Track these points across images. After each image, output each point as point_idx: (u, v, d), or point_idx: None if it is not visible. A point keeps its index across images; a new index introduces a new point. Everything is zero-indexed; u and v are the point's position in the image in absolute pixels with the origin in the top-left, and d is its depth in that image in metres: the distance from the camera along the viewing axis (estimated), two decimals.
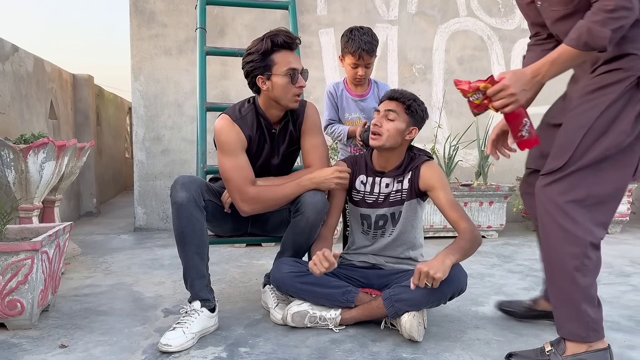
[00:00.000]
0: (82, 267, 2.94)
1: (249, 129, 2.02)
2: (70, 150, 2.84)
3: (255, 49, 1.95)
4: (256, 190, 1.98)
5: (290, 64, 1.95)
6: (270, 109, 2.05)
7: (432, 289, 1.80)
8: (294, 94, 1.99)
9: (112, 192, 6.11)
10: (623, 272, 2.83)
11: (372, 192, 2.13)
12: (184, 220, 1.87)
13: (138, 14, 3.97)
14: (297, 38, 2.01)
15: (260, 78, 1.97)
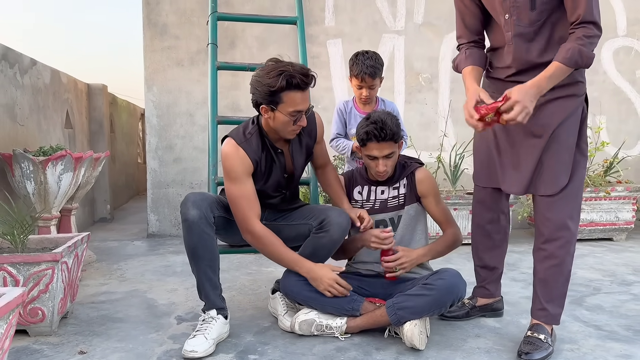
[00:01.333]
0: (97, 274, 3.04)
1: (254, 152, 2.05)
2: (86, 162, 2.95)
3: (268, 83, 1.93)
4: (260, 232, 2.03)
5: (297, 107, 1.97)
6: (271, 134, 2.11)
7: (431, 296, 1.95)
8: (293, 130, 2.05)
9: (125, 197, 6.23)
10: (625, 281, 2.88)
11: (369, 200, 2.26)
12: (195, 237, 1.97)
13: (151, 26, 4.08)
14: (313, 78, 1.99)
15: (264, 107, 2.00)
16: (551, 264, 1.93)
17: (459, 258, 3.44)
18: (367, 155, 2.15)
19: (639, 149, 4.67)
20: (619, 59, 4.60)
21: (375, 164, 2.12)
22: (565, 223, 1.90)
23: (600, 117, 4.55)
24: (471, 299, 2.32)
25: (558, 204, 1.91)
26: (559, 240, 1.91)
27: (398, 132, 2.11)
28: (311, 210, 2.20)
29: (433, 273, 2.07)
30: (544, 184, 1.93)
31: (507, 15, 1.91)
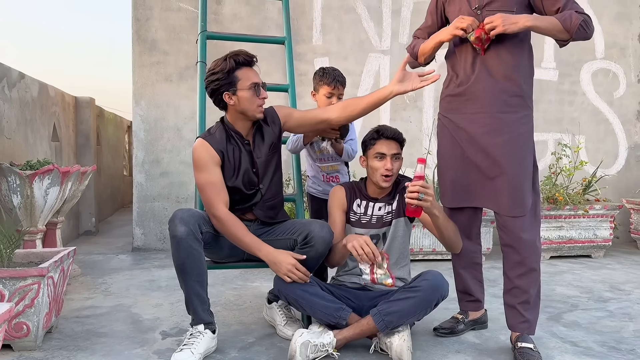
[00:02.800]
0: (82, 288, 3.05)
1: (218, 143, 2.16)
2: (73, 176, 2.97)
3: (220, 68, 2.12)
4: (225, 216, 2.09)
5: (253, 79, 2.14)
6: (238, 122, 2.20)
7: (417, 297, 2.01)
8: (258, 105, 2.17)
9: (110, 210, 6.22)
10: (601, 298, 2.96)
11: (366, 214, 2.30)
12: (184, 252, 2.00)
13: (140, 42, 4.13)
14: (255, 56, 2.19)
15: (227, 94, 2.14)
16: (531, 276, 2.09)
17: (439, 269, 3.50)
18: (375, 156, 2.21)
19: (616, 168, 4.80)
20: (597, 81, 4.74)
21: (384, 164, 2.19)
22: (534, 240, 2.10)
23: (579, 137, 4.67)
24: (463, 314, 2.39)
25: (527, 223, 2.10)
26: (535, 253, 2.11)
27: (403, 137, 2.26)
28: (294, 225, 2.24)
29: (417, 276, 2.13)
30: (513, 205, 2.09)
31: (480, 12, 2.11)
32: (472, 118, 2.15)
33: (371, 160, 2.24)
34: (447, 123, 2.25)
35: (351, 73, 4.37)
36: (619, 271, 3.65)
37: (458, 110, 2.20)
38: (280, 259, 2.07)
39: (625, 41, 4.78)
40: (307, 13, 4.32)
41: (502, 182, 2.09)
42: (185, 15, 4.17)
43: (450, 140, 2.24)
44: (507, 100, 2.10)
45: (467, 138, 2.17)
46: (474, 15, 2.11)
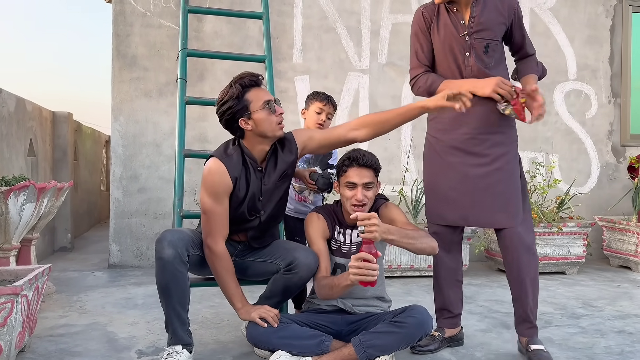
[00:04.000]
0: (56, 306, 3.00)
1: (234, 168, 2.09)
2: (50, 192, 2.93)
3: (229, 96, 2.07)
4: (221, 253, 2.09)
5: (264, 98, 2.09)
6: (257, 147, 2.14)
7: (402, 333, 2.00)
8: (277, 123, 2.11)
9: (86, 225, 6.13)
10: (574, 314, 3.02)
11: (346, 242, 2.27)
12: (169, 275, 1.98)
13: (120, 57, 4.13)
14: (260, 75, 2.15)
15: (242, 120, 2.08)
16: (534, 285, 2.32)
17: (419, 290, 3.54)
18: (345, 185, 2.17)
19: (589, 186, 4.92)
20: (570, 101, 4.88)
21: (353, 194, 2.13)
22: (533, 249, 2.31)
23: (552, 156, 4.79)
24: (439, 331, 2.42)
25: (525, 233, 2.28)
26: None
27: (378, 164, 2.20)
28: (279, 249, 2.23)
29: (402, 310, 2.12)
30: (506, 217, 2.26)
31: (468, 54, 2.26)
32: (462, 139, 2.28)
33: (342, 189, 2.19)
34: (436, 143, 2.35)
35: (331, 91, 4.38)
36: (591, 287, 3.73)
37: (448, 131, 2.31)
38: (254, 308, 2.11)
39: (597, 63, 4.93)
40: (288, 32, 4.37)
41: (496, 196, 2.24)
42: (166, 32, 4.18)
43: (439, 160, 2.33)
44: (496, 121, 2.26)
45: (458, 157, 2.28)
46: (461, 41, 2.25)
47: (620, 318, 2.94)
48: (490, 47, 2.26)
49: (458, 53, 2.27)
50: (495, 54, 2.29)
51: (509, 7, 2.29)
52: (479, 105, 2.22)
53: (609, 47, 4.95)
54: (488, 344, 2.48)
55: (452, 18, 2.28)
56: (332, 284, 2.05)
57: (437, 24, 2.31)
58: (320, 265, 2.17)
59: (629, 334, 2.66)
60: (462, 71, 2.28)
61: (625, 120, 4.98)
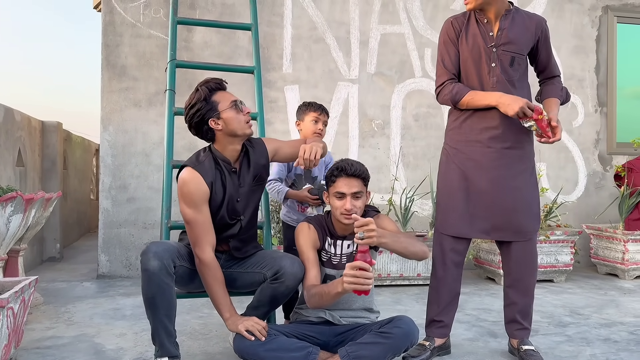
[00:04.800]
0: (44, 317, 2.98)
1: (207, 174, 2.12)
2: (37, 203, 2.93)
3: (196, 98, 2.13)
4: (209, 261, 2.09)
5: (231, 99, 2.16)
6: (228, 147, 2.18)
7: (388, 344, 2.01)
8: (245, 121, 2.17)
9: (76, 235, 6.10)
10: (561, 323, 3.05)
11: (336, 254, 2.27)
12: (155, 287, 1.99)
13: (110, 67, 4.13)
14: (223, 80, 2.23)
15: (212, 120, 2.12)
16: (530, 291, 2.44)
17: (408, 299, 3.55)
18: (335, 195, 2.18)
19: (576, 195, 4.97)
20: None
21: (342, 203, 2.15)
22: (536, 260, 2.44)
23: (540, 164, 4.84)
24: (429, 340, 2.43)
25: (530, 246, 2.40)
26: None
27: (367, 173, 2.21)
28: (265, 258, 2.24)
29: (388, 321, 2.13)
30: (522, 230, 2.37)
31: (494, 64, 2.33)
32: (482, 152, 2.33)
33: (332, 199, 2.21)
34: (455, 155, 2.39)
35: (321, 100, 4.42)
36: (579, 295, 3.76)
37: (468, 144, 2.36)
38: (241, 319, 2.10)
39: (583, 73, 5.00)
40: (278, 42, 4.40)
41: (514, 211, 2.33)
42: (155, 42, 4.20)
43: (457, 172, 2.37)
44: (517, 136, 2.33)
45: (477, 171, 2.34)
46: (488, 52, 2.31)
47: (606, 326, 2.97)
48: (516, 60, 2.33)
49: (484, 63, 2.33)
50: (520, 68, 2.35)
51: (537, 24, 2.38)
52: (501, 120, 2.29)
53: (594, 57, 5.02)
54: (475, 353, 2.49)
55: (482, 29, 2.35)
56: (322, 292, 2.06)
57: (465, 34, 2.37)
58: (309, 274, 2.17)
59: (614, 342, 2.69)
60: (487, 82, 2.33)
61: (611, 129, 5.05)
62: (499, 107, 2.24)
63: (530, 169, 2.39)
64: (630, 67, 5.17)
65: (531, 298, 2.45)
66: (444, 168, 2.46)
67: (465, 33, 2.36)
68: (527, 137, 2.37)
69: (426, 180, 4.35)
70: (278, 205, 3.86)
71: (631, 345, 2.63)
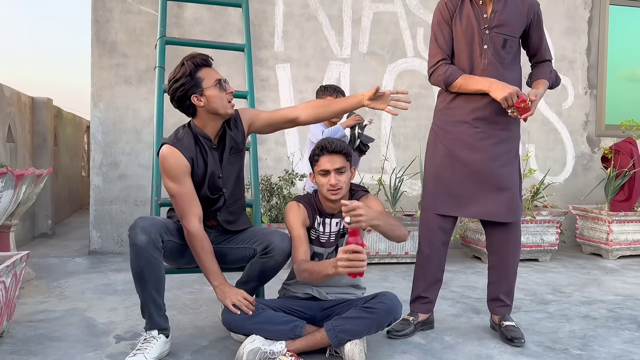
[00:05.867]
0: (36, 292, 3.02)
1: (187, 149, 2.15)
2: (28, 179, 2.94)
3: (181, 73, 2.13)
4: (196, 232, 2.12)
5: (216, 76, 2.17)
6: (209, 123, 2.20)
7: (371, 318, 2.07)
8: (228, 100, 2.19)
9: (67, 211, 6.11)
10: (543, 300, 3.13)
11: (325, 232, 2.32)
12: (143, 261, 2.02)
13: (99, 44, 4.11)
14: (209, 56, 2.23)
15: (195, 96, 2.13)
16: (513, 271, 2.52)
17: (395, 277, 3.62)
18: (319, 173, 2.23)
19: (564, 176, 5.04)
20: (547, 92, 4.94)
21: (327, 179, 2.20)
22: (520, 242, 2.53)
23: (529, 146, 4.88)
24: (413, 315, 2.51)
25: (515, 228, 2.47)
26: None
27: (347, 148, 2.26)
28: (255, 234, 2.28)
29: (373, 297, 2.19)
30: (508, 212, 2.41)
31: (486, 46, 2.35)
32: (470, 133, 2.38)
33: (317, 177, 2.26)
34: (443, 135, 2.44)
35: (312, 80, 4.46)
36: (562, 274, 3.84)
37: (456, 124, 2.41)
38: (228, 289, 2.14)
39: (574, 55, 5.02)
40: (269, 19, 4.38)
41: (500, 192, 2.38)
42: (146, 18, 4.16)
43: (445, 152, 2.43)
44: (503, 119, 2.37)
45: (464, 151, 2.39)
46: (481, 34, 2.34)
47: (586, 304, 3.05)
48: (508, 43, 2.35)
49: (477, 45, 2.36)
50: (512, 50, 2.38)
51: (529, 6, 2.39)
52: (489, 102, 2.33)
53: (586, 39, 5.04)
54: (457, 329, 2.56)
55: (475, 10, 2.36)
56: (312, 270, 2.09)
57: (459, 14, 2.39)
58: (299, 250, 2.21)
59: (593, 319, 2.77)
60: (478, 63, 2.36)
61: (600, 111, 5.09)
62: (490, 92, 2.27)
63: (515, 151, 2.45)
64: (622, 50, 5.19)
65: (514, 277, 2.52)
66: (431, 148, 2.51)
67: (460, 14, 2.38)
68: (513, 119, 2.40)
69: (416, 161, 4.39)
70: (268, 184, 3.90)
71: (609, 322, 2.71)
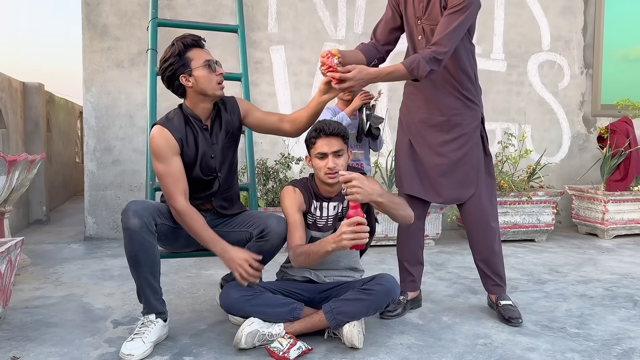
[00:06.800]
0: (32, 278, 3.01)
1: (177, 130, 2.14)
2: (21, 165, 2.91)
3: (170, 53, 2.14)
4: (183, 209, 2.08)
5: (205, 57, 2.15)
6: (199, 105, 2.18)
7: (370, 300, 2.07)
8: (217, 82, 2.17)
9: (62, 198, 6.08)
10: (540, 280, 3.14)
11: (322, 217, 2.30)
12: (137, 244, 2.00)
13: (90, 27, 4.04)
14: (201, 37, 2.21)
15: (183, 76, 2.13)
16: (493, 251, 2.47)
17: (392, 259, 3.61)
18: (316, 156, 2.19)
19: (560, 156, 5.03)
20: (543, 72, 4.94)
21: (325, 163, 2.17)
22: (488, 220, 2.45)
23: (525, 126, 4.87)
24: (403, 294, 2.53)
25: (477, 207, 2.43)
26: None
27: (346, 131, 2.22)
28: (251, 218, 2.27)
29: (371, 278, 2.19)
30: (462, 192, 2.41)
31: (420, 37, 2.35)
32: (424, 118, 2.42)
33: (314, 160, 2.22)
34: (403, 118, 2.52)
35: (307, 62, 4.41)
36: (559, 254, 3.86)
37: (415, 110, 2.45)
38: (232, 253, 2.08)
39: (570, 34, 4.98)
40: (262, 0, 4.31)
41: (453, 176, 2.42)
42: (137, 0, 4.09)
43: (405, 137, 2.49)
44: (456, 105, 2.37)
45: (418, 136, 2.44)
46: (416, 24, 2.33)
47: (583, 283, 3.07)
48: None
49: (415, 35, 2.37)
50: None
51: None
52: (440, 90, 2.35)
53: (582, 18, 5.00)
54: (455, 309, 2.57)
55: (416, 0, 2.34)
56: (309, 251, 2.08)
57: (405, 2, 2.38)
58: (295, 235, 2.19)
59: (589, 297, 2.78)
60: (417, 52, 2.33)
61: (596, 91, 5.07)
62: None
63: (469, 134, 2.40)
64: (617, 29, 5.15)
65: (495, 255, 2.47)
66: (398, 131, 2.59)
67: (405, 1, 2.38)
68: (466, 104, 2.39)
69: None
70: (264, 168, 3.88)
71: (605, 301, 2.72)
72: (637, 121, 4.78)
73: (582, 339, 2.20)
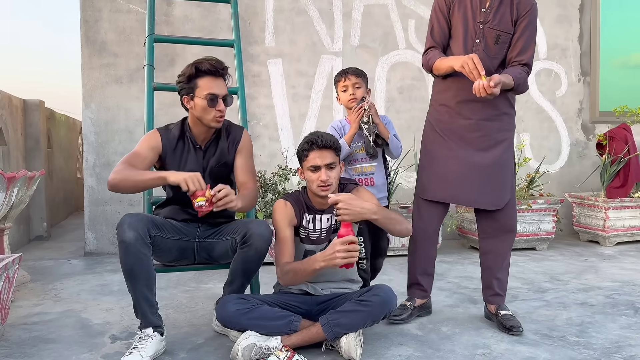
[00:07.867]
0: (31, 295, 3.01)
1: (168, 139, 2.26)
2: (20, 181, 2.92)
3: (183, 72, 2.26)
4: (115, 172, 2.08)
5: (211, 90, 2.20)
6: (197, 126, 2.29)
7: (367, 311, 2.06)
8: (214, 116, 2.23)
9: (63, 214, 6.09)
10: (540, 288, 3.12)
11: (315, 229, 2.29)
12: (132, 257, 2.01)
13: (89, 44, 4.08)
14: (224, 67, 2.26)
15: (185, 98, 2.26)
16: (505, 260, 2.50)
17: (392, 269, 3.61)
18: (309, 169, 2.18)
19: (559, 164, 5.03)
20: (540, 80, 4.95)
21: (318, 175, 2.15)
22: (514, 227, 2.48)
23: (523, 134, 4.88)
24: (410, 300, 2.55)
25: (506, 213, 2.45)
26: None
27: (338, 144, 2.22)
28: (236, 225, 2.28)
29: (367, 290, 2.18)
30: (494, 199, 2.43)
31: (478, 41, 2.36)
32: (463, 125, 2.40)
33: (306, 173, 2.20)
34: (436, 124, 2.48)
35: (304, 74, 4.44)
36: (560, 262, 3.84)
37: (450, 116, 2.43)
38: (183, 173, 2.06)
39: (566, 42, 5.00)
40: (259, 15, 4.35)
41: (488, 182, 2.39)
42: (135, 17, 4.14)
43: (440, 140, 2.46)
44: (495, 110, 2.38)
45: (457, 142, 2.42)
46: (475, 28, 2.35)
47: (584, 291, 3.05)
48: (502, 38, 2.36)
49: (469, 38, 2.38)
50: (505, 46, 2.38)
51: (524, 4, 2.35)
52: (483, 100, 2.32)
53: (578, 26, 5.02)
54: (454, 319, 2.56)
55: (473, 3, 2.37)
56: (296, 269, 2.09)
57: (458, 5, 2.40)
58: (284, 250, 2.19)
59: (590, 305, 2.76)
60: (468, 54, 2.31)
61: (594, 98, 5.08)
62: (455, 66, 2.24)
63: (509, 141, 2.44)
64: (614, 37, 5.17)
65: (506, 265, 2.52)
66: (426, 136, 2.55)
67: (458, 5, 2.40)
68: (506, 109, 2.41)
69: (410, 153, 4.38)
70: (262, 180, 3.88)
71: (606, 309, 2.70)
72: (635, 128, 4.78)
73: (582, 348, 2.19)
